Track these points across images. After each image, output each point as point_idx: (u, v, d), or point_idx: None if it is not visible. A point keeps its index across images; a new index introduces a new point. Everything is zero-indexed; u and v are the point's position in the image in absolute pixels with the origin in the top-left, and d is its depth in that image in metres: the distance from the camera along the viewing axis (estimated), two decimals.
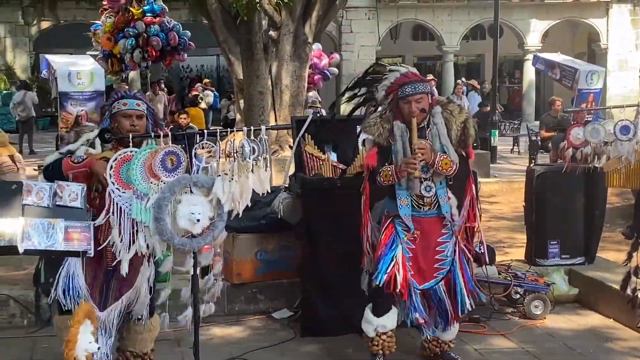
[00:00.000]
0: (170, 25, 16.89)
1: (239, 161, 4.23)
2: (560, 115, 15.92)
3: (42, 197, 3.81)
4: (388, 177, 5.01)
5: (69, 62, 19.31)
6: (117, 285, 4.58)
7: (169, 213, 4.07)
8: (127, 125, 4.57)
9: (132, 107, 4.61)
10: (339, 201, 6.06)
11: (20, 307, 6.37)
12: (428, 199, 5.10)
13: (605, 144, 5.87)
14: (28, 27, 28.62)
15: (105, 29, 17.31)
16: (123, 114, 4.60)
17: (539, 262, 7.31)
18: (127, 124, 4.57)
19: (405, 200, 5.10)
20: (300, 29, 13.82)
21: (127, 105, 4.62)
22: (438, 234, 5.18)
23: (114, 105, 4.66)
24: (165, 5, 17.31)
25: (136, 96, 4.81)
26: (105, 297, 4.58)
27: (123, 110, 4.61)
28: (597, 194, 7.30)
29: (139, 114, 4.63)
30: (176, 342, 5.79)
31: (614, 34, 30.96)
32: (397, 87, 5.08)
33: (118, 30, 16.87)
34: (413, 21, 30.94)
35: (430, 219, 5.16)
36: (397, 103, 5.07)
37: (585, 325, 6.47)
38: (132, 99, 4.70)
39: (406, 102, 5.01)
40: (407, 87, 5.04)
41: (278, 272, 6.70)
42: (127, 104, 4.62)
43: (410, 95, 5.01)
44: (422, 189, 5.07)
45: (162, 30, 16.63)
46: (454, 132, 5.06)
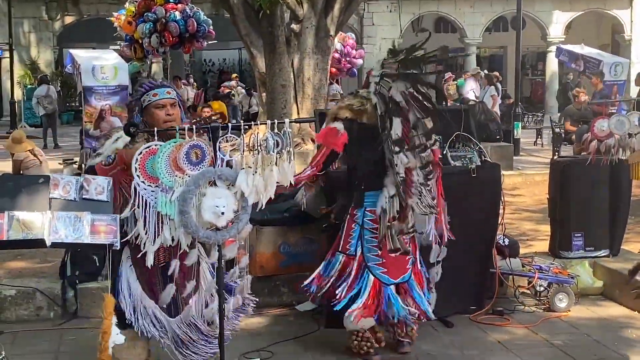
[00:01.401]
0: (191, 13, 17.05)
1: (263, 154, 4.24)
2: (584, 107, 15.83)
3: (69, 191, 3.84)
4: None
5: (93, 57, 19.43)
6: (182, 291, 4.47)
7: (193, 206, 4.08)
8: (163, 116, 4.46)
9: (163, 96, 4.49)
10: None
11: (46, 300, 6.43)
12: None
13: (629, 136, 5.84)
14: (52, 22, 28.83)
15: (127, 13, 17.52)
16: (155, 105, 4.47)
17: (563, 255, 7.28)
18: (162, 114, 4.46)
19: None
20: (322, 22, 13.82)
21: (157, 95, 4.48)
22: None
23: (144, 99, 4.51)
24: None
25: (164, 84, 4.67)
26: (175, 305, 4.49)
27: (155, 101, 4.48)
28: (621, 186, 7.25)
29: (172, 102, 4.52)
30: None
31: (638, 25, 30.68)
32: None
33: (139, 15, 17.10)
34: (435, 13, 30.84)
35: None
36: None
37: (609, 317, 6.44)
38: (160, 87, 4.56)
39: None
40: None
41: (301, 265, 6.70)
42: (158, 94, 4.49)
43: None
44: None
45: (182, 17, 16.82)
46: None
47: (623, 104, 14.34)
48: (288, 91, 12.56)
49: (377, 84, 5.28)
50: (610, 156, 6.50)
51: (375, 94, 5.27)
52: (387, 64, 5.59)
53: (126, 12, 17.96)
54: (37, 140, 18.00)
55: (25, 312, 6.43)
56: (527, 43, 29.17)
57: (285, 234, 6.68)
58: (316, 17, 13.92)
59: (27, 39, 28.72)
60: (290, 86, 13.07)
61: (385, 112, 5.16)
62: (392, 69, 5.46)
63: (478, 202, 6.17)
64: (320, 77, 13.89)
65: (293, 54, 13.34)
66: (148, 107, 4.49)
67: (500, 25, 31.92)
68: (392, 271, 5.27)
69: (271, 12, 10.77)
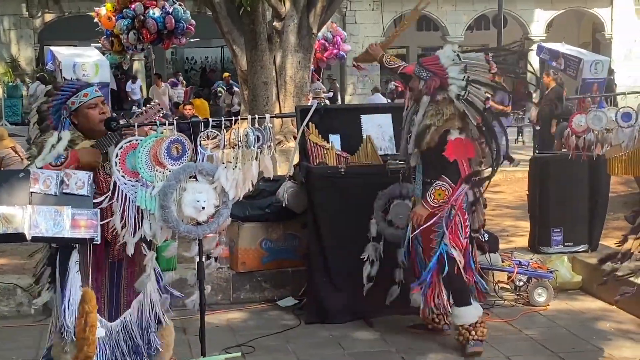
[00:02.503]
0: (170, 9, 17.08)
1: (244, 149, 4.27)
2: (565, 105, 15.92)
3: (49, 185, 3.84)
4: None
5: (74, 54, 19.34)
6: (126, 292, 4.42)
7: (174, 201, 4.10)
8: (97, 115, 4.32)
9: (93, 95, 4.37)
10: (343, 189, 6.11)
11: (27, 296, 6.42)
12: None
13: (607, 131, 5.90)
14: (32, 19, 28.61)
15: (107, 8, 17.55)
16: (88, 106, 4.32)
17: (542, 250, 7.35)
18: (96, 113, 4.32)
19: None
20: (304, 20, 13.82)
21: (88, 95, 4.35)
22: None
23: (72, 101, 4.33)
24: None
25: (89, 83, 4.58)
26: (116, 306, 4.41)
27: (87, 101, 4.33)
28: (600, 181, 7.33)
29: (102, 100, 4.41)
30: (182, 330, 5.84)
31: (618, 24, 30.89)
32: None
33: (119, 11, 17.15)
34: None
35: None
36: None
37: (587, 311, 6.50)
38: (87, 87, 4.43)
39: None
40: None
41: (283, 261, 6.75)
42: (89, 94, 4.35)
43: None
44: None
45: (160, 14, 16.85)
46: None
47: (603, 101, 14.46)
48: (270, 88, 12.56)
49: (464, 90, 5.17)
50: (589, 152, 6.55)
51: (462, 100, 5.18)
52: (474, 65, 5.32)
53: (106, 8, 17.97)
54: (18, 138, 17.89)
55: (6, 309, 6.43)
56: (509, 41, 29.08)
57: (267, 230, 6.72)
58: (298, 14, 13.92)
59: (8, 37, 28.51)
60: (272, 83, 13.06)
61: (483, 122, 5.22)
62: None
63: None
64: (302, 74, 13.90)
65: (275, 51, 13.34)
66: (80, 109, 4.32)
67: (482, 23, 32.03)
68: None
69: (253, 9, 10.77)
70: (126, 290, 4.42)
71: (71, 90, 4.37)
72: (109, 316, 4.39)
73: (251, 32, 11.40)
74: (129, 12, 17.04)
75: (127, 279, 4.41)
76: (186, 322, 5.81)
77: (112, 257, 4.33)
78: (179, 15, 17.34)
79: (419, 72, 5.25)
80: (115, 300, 4.41)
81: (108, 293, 4.40)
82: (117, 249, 4.27)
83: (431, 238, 5.33)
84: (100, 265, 4.32)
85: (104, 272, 4.36)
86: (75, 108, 4.32)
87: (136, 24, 16.94)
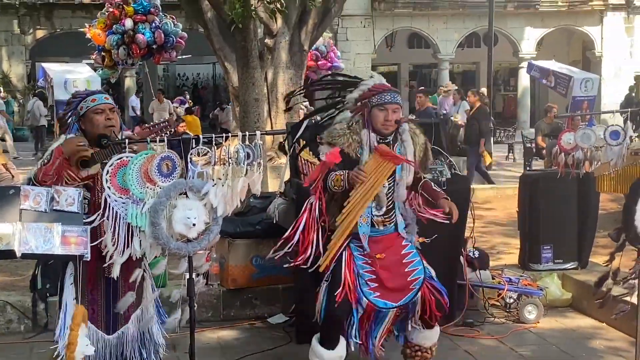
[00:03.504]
0: (160, 24, 17.18)
1: (233, 166, 4.28)
2: (555, 122, 16.01)
3: (40, 202, 3.83)
4: (339, 181, 4.70)
5: (65, 70, 19.38)
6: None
7: (164, 217, 4.10)
8: (103, 121, 4.32)
9: (102, 101, 4.36)
10: None
11: (17, 313, 6.41)
12: (379, 218, 4.88)
13: (596, 149, 5.94)
14: (24, 35, 28.65)
15: (98, 24, 17.63)
16: (94, 111, 4.32)
17: (532, 267, 7.38)
18: (102, 119, 4.32)
19: (365, 219, 4.83)
20: (296, 37, 13.89)
21: (96, 100, 4.35)
22: (401, 247, 4.96)
23: (81, 106, 4.36)
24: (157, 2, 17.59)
25: (101, 91, 4.55)
26: (114, 319, 4.38)
27: (93, 106, 4.33)
28: (589, 199, 7.37)
29: (111, 107, 4.39)
30: (172, 347, 5.82)
31: (608, 42, 31.10)
32: (375, 93, 4.82)
33: (109, 26, 17.27)
34: (408, 29, 31.04)
35: (390, 234, 4.94)
36: (370, 111, 4.80)
37: (577, 329, 6.52)
38: (98, 94, 4.44)
39: (382, 109, 4.76)
40: (386, 95, 4.80)
41: (273, 278, 6.74)
42: (96, 99, 4.36)
43: (388, 103, 4.77)
44: (372, 206, 4.83)
45: (150, 28, 16.97)
46: (417, 152, 4.91)
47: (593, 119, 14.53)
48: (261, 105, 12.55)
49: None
50: (578, 169, 6.60)
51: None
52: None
53: (97, 24, 18.06)
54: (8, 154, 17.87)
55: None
56: (499, 59, 29.48)
57: (258, 246, 6.71)
58: (290, 31, 13.98)
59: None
60: (264, 100, 13.07)
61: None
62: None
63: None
64: None
65: (266, 68, 13.38)
66: (87, 114, 4.34)
67: (472, 41, 32.18)
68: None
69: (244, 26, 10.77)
70: None
71: (83, 96, 4.42)
72: (106, 328, 4.37)
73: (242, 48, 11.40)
74: (119, 28, 17.16)
75: (124, 293, 4.37)
76: (176, 340, 5.79)
77: (107, 272, 4.29)
78: (169, 29, 17.43)
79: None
80: (113, 314, 4.38)
81: (105, 306, 4.38)
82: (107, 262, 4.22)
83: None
84: (96, 280, 4.32)
85: (99, 287, 4.36)
86: (83, 113, 4.35)
87: (126, 39, 17.04)
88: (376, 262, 4.85)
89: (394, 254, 4.92)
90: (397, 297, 4.88)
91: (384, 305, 4.87)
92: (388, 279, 4.86)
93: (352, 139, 4.78)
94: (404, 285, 4.88)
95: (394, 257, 4.90)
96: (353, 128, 4.81)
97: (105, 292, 4.38)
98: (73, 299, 4.16)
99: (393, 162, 4.70)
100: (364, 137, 4.78)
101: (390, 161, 4.70)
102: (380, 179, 4.70)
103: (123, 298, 4.35)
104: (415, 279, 4.90)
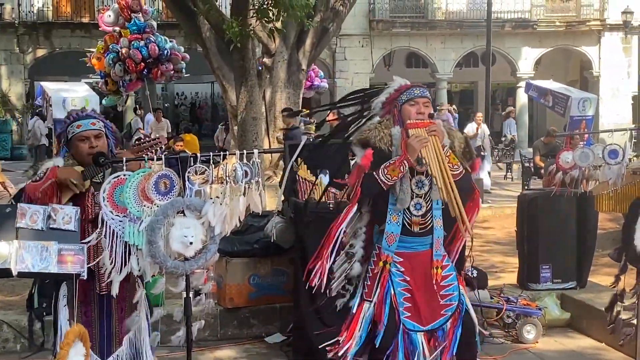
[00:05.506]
0: (154, 39, 17.38)
1: (231, 184, 4.27)
2: (553, 142, 16.02)
3: (36, 220, 3.81)
4: (396, 170, 4.32)
5: (63, 89, 19.42)
6: (118, 328, 4.35)
7: (162, 236, 4.08)
8: (86, 149, 4.30)
9: (87, 127, 4.34)
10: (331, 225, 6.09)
11: (13, 332, 6.38)
12: (417, 218, 4.46)
13: (594, 168, 5.93)
14: (23, 54, 28.72)
15: (97, 52, 17.81)
16: (79, 138, 4.32)
17: (531, 287, 7.35)
18: (85, 147, 4.31)
19: (396, 217, 4.46)
20: (294, 56, 13.93)
21: (81, 127, 4.34)
22: (440, 267, 4.54)
23: (69, 130, 4.35)
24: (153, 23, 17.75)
25: (90, 115, 4.50)
26: (108, 342, 4.34)
27: (78, 133, 4.32)
28: (588, 218, 7.36)
29: (97, 134, 4.36)
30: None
31: (606, 62, 31.23)
32: (402, 91, 4.56)
33: (107, 49, 17.49)
34: (407, 49, 31.15)
35: (420, 253, 4.52)
36: (400, 109, 4.53)
37: (577, 349, 6.49)
38: (85, 119, 4.40)
39: (413, 103, 4.48)
40: (415, 90, 4.54)
41: (271, 297, 6.72)
42: (81, 125, 4.34)
43: (418, 97, 4.49)
44: (411, 205, 4.45)
45: (144, 44, 17.19)
46: (457, 144, 4.55)
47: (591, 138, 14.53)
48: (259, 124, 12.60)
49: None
50: (576, 188, 6.60)
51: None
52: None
53: (96, 52, 18.25)
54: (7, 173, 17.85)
55: None
56: (497, 78, 29.58)
57: (255, 265, 6.70)
58: (288, 51, 14.03)
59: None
60: (262, 119, 13.11)
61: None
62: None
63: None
64: None
65: (264, 87, 13.42)
66: (72, 140, 4.35)
67: (470, 60, 32.30)
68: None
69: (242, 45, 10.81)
70: (118, 326, 4.37)
71: (71, 119, 4.41)
72: (100, 353, 4.33)
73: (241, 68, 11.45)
74: (115, 47, 17.39)
75: (118, 314, 4.36)
76: (173, 358, 5.77)
77: (99, 288, 4.27)
78: (162, 43, 17.61)
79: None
80: (107, 336, 4.35)
81: (99, 329, 4.35)
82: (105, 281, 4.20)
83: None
84: (88, 299, 4.28)
85: (92, 307, 4.32)
86: (70, 138, 4.35)
87: (122, 56, 17.22)
88: (412, 279, 4.50)
89: (425, 274, 4.53)
90: (427, 320, 4.51)
91: (412, 327, 4.49)
92: (421, 300, 4.50)
93: (383, 132, 4.49)
94: (436, 308, 4.51)
95: (429, 278, 4.52)
96: (384, 123, 4.56)
97: (99, 312, 4.34)
98: (67, 320, 4.13)
99: (425, 128, 4.37)
100: (396, 133, 4.47)
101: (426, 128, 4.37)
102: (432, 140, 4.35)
103: (129, 318, 4.33)
104: (449, 304, 4.53)
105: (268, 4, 10.31)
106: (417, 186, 4.44)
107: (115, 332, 4.37)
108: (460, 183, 4.36)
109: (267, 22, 10.76)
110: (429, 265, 4.52)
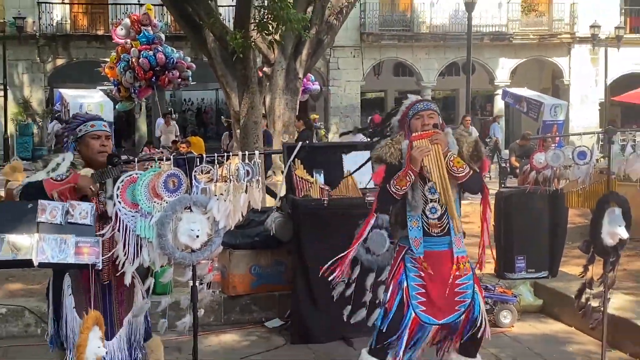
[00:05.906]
0: (161, 49, 17.45)
1: (234, 183, 4.27)
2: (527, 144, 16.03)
3: (55, 215, 3.81)
4: (403, 181, 4.34)
5: (80, 95, 19.39)
6: (118, 310, 4.32)
7: (170, 230, 4.08)
8: (97, 146, 4.27)
9: (100, 128, 4.34)
10: (326, 220, 6.11)
11: (34, 318, 6.36)
12: (433, 221, 4.43)
13: (565, 168, 5.95)
14: (43, 64, 28.65)
15: (110, 60, 17.87)
16: (92, 136, 4.28)
17: (507, 276, 7.36)
18: (97, 144, 4.27)
19: (416, 222, 4.44)
20: (291, 65, 13.87)
21: (95, 126, 4.32)
22: (456, 267, 4.50)
23: (80, 129, 4.32)
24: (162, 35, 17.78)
25: (100, 118, 4.51)
26: (111, 325, 4.29)
27: (91, 131, 4.29)
28: (559, 213, 7.37)
29: (107, 135, 4.36)
30: (177, 349, 5.79)
31: (575, 72, 31.33)
32: (411, 107, 4.59)
33: (119, 59, 17.58)
34: (394, 59, 31.18)
35: (441, 252, 4.47)
36: (409, 124, 4.55)
37: (549, 332, 6.50)
38: (98, 120, 4.41)
39: (418, 117, 4.50)
40: (419, 104, 4.56)
41: (271, 285, 6.72)
42: (95, 125, 4.33)
43: (422, 110, 4.51)
44: (427, 209, 4.43)
45: (152, 53, 17.28)
46: (465, 149, 4.49)
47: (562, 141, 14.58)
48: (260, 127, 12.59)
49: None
50: (548, 186, 6.62)
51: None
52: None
53: (110, 60, 18.28)
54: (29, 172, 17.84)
55: (15, 329, 6.36)
56: (477, 86, 29.62)
57: (256, 256, 6.70)
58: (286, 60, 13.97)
59: (21, 80, 28.52)
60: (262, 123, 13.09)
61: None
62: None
63: None
64: (289, 115, 13.94)
65: (265, 93, 13.38)
66: (84, 137, 4.30)
67: (452, 70, 32.33)
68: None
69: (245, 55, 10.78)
70: (118, 309, 4.34)
71: (83, 119, 4.38)
72: (105, 335, 4.28)
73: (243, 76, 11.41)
74: (126, 57, 17.44)
75: (118, 298, 4.33)
76: (180, 343, 5.77)
77: (101, 279, 4.25)
78: (169, 52, 17.67)
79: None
80: (109, 319, 4.32)
81: (102, 314, 4.33)
82: (106, 271, 4.19)
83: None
84: (89, 287, 4.24)
85: (95, 294, 4.30)
86: (81, 135, 4.31)
87: (132, 64, 17.27)
88: (427, 275, 4.45)
89: (440, 273, 4.46)
90: (442, 314, 4.44)
91: (428, 321, 4.42)
92: (437, 295, 4.43)
93: (393, 148, 4.51)
94: (451, 304, 4.45)
95: (446, 275, 4.45)
96: (396, 139, 4.57)
97: (102, 299, 4.30)
98: (73, 308, 4.13)
99: (428, 138, 4.38)
100: (404, 147, 4.47)
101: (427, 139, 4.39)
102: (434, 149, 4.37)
103: (139, 305, 4.34)
104: (463, 301, 4.47)
105: (268, 17, 10.29)
106: (430, 192, 4.43)
107: (117, 315, 4.35)
108: (467, 183, 4.49)
109: (267, 35, 10.75)
110: (449, 263, 4.47)
